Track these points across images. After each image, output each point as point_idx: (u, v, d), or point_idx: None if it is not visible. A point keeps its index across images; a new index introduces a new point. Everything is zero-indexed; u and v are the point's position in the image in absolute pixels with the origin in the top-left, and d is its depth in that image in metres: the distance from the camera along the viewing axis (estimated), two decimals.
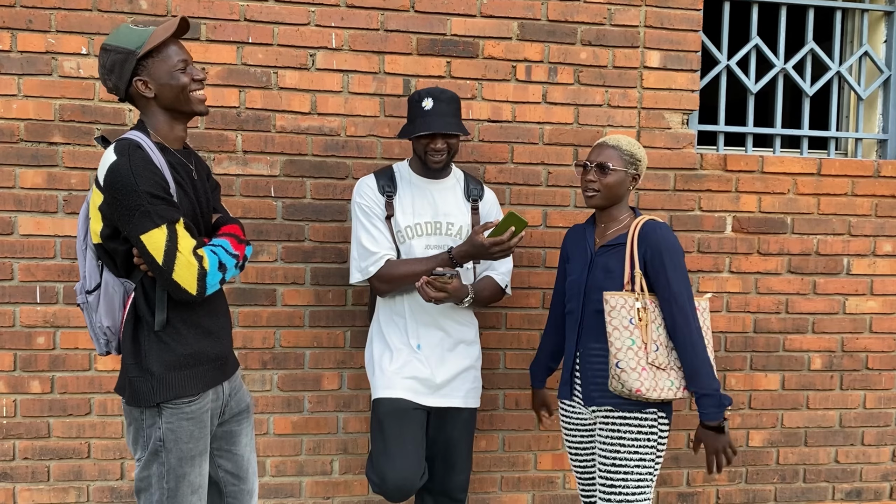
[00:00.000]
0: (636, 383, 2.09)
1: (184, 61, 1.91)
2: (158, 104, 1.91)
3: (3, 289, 2.74)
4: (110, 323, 1.94)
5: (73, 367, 2.79)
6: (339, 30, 2.83)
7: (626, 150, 2.20)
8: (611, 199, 2.21)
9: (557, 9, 2.94)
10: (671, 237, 2.14)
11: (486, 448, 3.05)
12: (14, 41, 2.68)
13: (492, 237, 2.24)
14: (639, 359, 2.11)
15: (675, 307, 2.11)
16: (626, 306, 2.13)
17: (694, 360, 2.10)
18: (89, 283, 1.94)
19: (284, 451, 2.93)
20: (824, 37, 3.46)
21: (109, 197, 1.80)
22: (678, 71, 3.03)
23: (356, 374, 2.94)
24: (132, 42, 1.86)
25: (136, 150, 1.81)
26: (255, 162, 2.83)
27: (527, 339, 3.03)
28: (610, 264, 2.20)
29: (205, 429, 1.96)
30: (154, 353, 1.88)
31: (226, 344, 2.06)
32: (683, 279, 2.13)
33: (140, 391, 1.88)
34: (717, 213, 3.10)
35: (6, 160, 2.70)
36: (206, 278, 1.86)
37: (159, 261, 1.79)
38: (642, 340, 2.12)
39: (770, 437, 3.22)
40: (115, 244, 1.87)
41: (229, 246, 1.98)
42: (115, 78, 1.88)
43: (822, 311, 3.20)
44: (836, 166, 3.15)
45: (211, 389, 1.98)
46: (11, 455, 2.79)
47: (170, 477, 1.90)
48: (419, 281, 2.29)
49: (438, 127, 2.34)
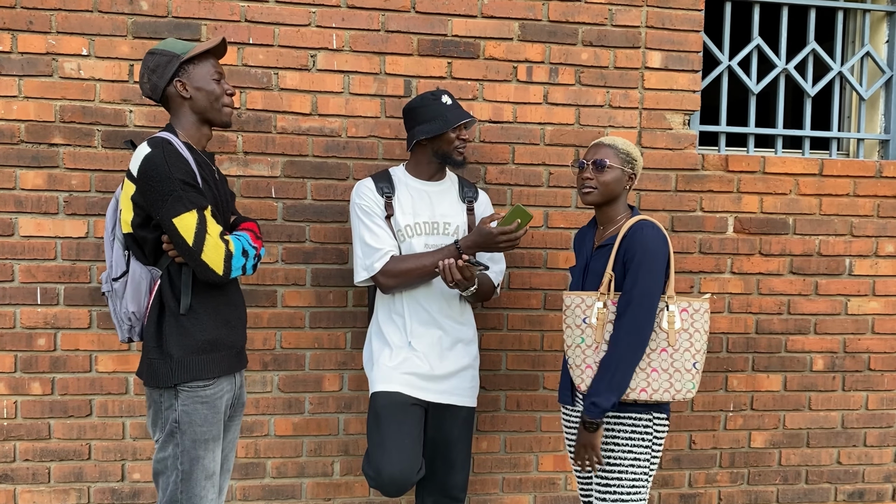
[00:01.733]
0: (577, 380, 2.17)
1: (219, 73, 2.13)
2: (191, 107, 2.11)
3: (3, 290, 2.74)
4: (135, 309, 2.09)
5: (73, 369, 2.79)
6: (339, 31, 2.83)
7: (622, 149, 2.21)
8: (607, 196, 2.21)
9: (558, 9, 2.94)
10: (655, 240, 2.11)
11: (488, 449, 3.04)
12: (14, 42, 2.68)
13: (500, 227, 2.29)
14: (585, 357, 2.16)
15: (623, 303, 2.08)
16: (581, 305, 2.18)
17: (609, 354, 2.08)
18: (116, 271, 2.10)
19: (285, 452, 2.92)
20: (826, 37, 3.46)
21: (143, 185, 1.97)
22: (679, 71, 3.02)
23: (357, 376, 2.94)
24: (178, 48, 2.09)
25: (168, 144, 2.00)
26: (256, 163, 2.83)
27: (528, 341, 3.02)
28: (598, 267, 2.21)
29: (218, 414, 2.09)
30: (174, 338, 2.03)
31: (241, 335, 2.21)
32: (645, 279, 2.07)
33: (159, 372, 2.04)
34: (719, 214, 3.09)
35: (7, 161, 2.70)
36: (231, 260, 2.03)
37: (189, 242, 1.96)
38: (594, 339, 2.14)
39: (772, 439, 3.21)
40: (144, 232, 2.04)
41: (249, 238, 2.16)
42: (157, 77, 2.08)
43: (824, 312, 3.19)
44: (838, 167, 3.14)
45: (225, 377, 2.12)
46: (12, 456, 2.79)
47: (184, 458, 2.03)
48: (447, 261, 2.30)
49: (468, 116, 2.46)
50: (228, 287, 2.15)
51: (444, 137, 2.46)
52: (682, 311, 2.14)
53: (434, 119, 2.44)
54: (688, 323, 2.14)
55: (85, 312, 2.78)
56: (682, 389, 2.14)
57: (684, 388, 2.14)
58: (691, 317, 2.15)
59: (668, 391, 2.12)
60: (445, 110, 2.45)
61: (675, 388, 2.13)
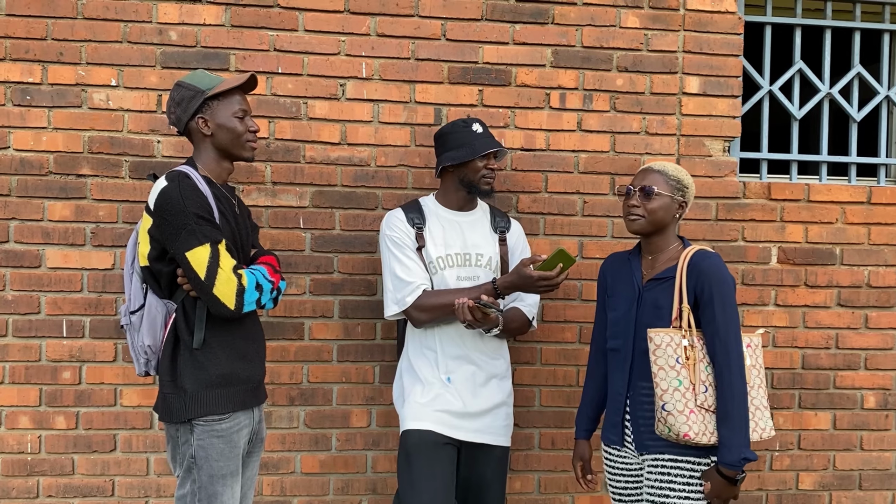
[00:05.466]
0: (684, 427, 1.97)
1: (243, 111, 2.12)
2: (213, 143, 2.11)
3: (29, 322, 2.71)
4: (151, 342, 2.08)
5: (98, 403, 2.74)
6: (369, 59, 2.79)
7: (672, 176, 2.11)
8: (655, 224, 2.10)
9: (592, 35, 2.87)
10: (722, 268, 2.04)
11: (521, 489, 2.92)
12: (45, 74, 2.67)
13: (539, 271, 2.19)
14: (686, 401, 1.99)
15: (718, 344, 2.00)
16: (671, 344, 2.01)
17: (729, 403, 1.97)
18: (133, 304, 2.10)
19: (312, 490, 2.83)
20: (872, 59, 3.34)
21: (159, 219, 1.98)
22: (719, 97, 2.93)
23: (386, 411, 2.85)
24: (204, 83, 2.08)
25: (186, 178, 2.01)
26: (284, 193, 2.78)
27: (563, 375, 2.91)
28: (659, 300, 2.09)
29: (236, 448, 2.06)
30: (189, 372, 2.02)
31: (259, 369, 2.18)
32: (731, 315, 2.01)
33: (173, 407, 2.03)
34: (762, 244, 2.97)
35: (35, 192, 2.69)
36: (244, 294, 2.01)
37: (202, 276, 1.95)
38: (689, 381, 2.00)
39: (822, 480, 3.04)
40: (160, 265, 2.04)
41: (266, 272, 2.13)
42: (181, 111, 2.08)
43: (875, 347, 3.04)
44: (887, 194, 3.01)
45: (241, 411, 2.09)
46: (35, 493, 2.74)
47: (202, 495, 2.01)
48: (461, 299, 2.23)
49: (498, 145, 2.41)
50: (245, 320, 2.12)
51: (470, 166, 2.40)
52: (747, 346, 2.07)
53: (462, 146, 2.39)
54: (753, 358, 2.07)
55: (110, 345, 2.73)
56: (766, 428, 2.07)
57: (767, 427, 2.08)
58: (754, 352, 2.09)
59: (755, 431, 2.04)
60: (474, 138, 2.40)
61: (760, 427, 2.06)
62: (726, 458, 1.96)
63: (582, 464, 2.36)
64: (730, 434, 1.96)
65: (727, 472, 1.97)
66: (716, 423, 2.00)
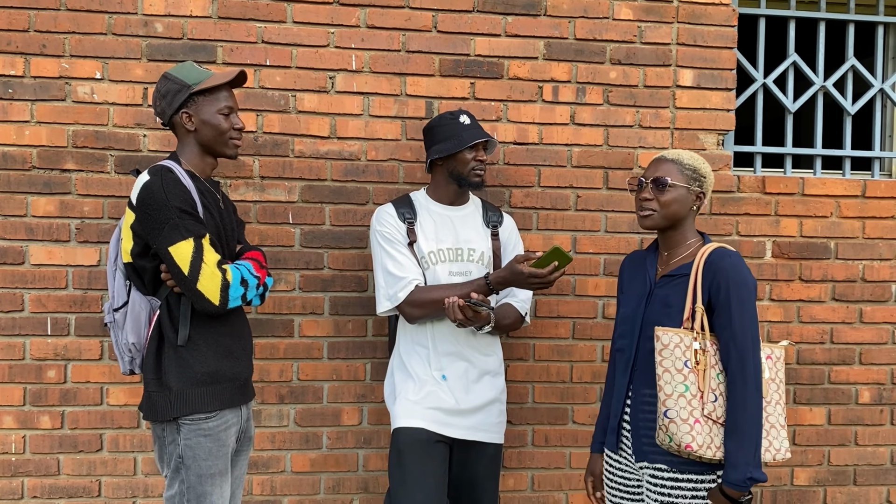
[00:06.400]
0: (687, 437, 1.81)
1: (229, 108, 2.08)
2: (196, 138, 2.08)
3: (13, 320, 2.65)
4: (135, 340, 2.05)
5: (84, 402, 2.69)
6: (359, 51, 2.75)
7: (687, 165, 1.96)
8: (669, 219, 1.95)
9: (585, 27, 2.83)
10: (743, 269, 1.88)
11: (514, 487, 2.89)
12: (27, 66, 2.62)
13: (532, 268, 2.14)
14: (692, 409, 1.82)
15: (734, 350, 1.83)
16: (680, 346, 1.85)
17: (739, 415, 1.80)
18: (116, 301, 2.06)
19: (302, 489, 2.79)
20: (866, 53, 3.32)
21: (141, 214, 1.95)
22: (713, 90, 2.90)
23: (377, 409, 2.81)
24: (191, 77, 2.04)
25: (168, 172, 1.97)
26: (273, 187, 2.74)
27: (556, 372, 2.88)
28: (670, 297, 1.93)
29: (224, 447, 2.03)
30: (173, 370, 1.99)
31: (246, 366, 2.14)
32: (750, 320, 1.84)
33: (158, 405, 2.00)
34: (756, 238, 2.94)
35: (18, 188, 2.63)
36: (228, 290, 1.97)
37: (185, 271, 1.92)
38: (698, 388, 1.83)
39: (816, 476, 3.02)
40: (143, 262, 2.01)
41: (251, 267, 2.10)
42: (165, 104, 2.05)
43: (870, 341, 3.02)
44: (881, 188, 2.99)
45: (229, 409, 2.06)
46: (20, 494, 2.68)
47: (191, 495, 1.99)
48: (451, 298, 2.19)
49: (486, 135, 2.37)
50: (231, 317, 2.09)
51: (458, 158, 2.36)
52: (767, 357, 1.92)
53: (449, 138, 2.36)
54: (773, 371, 1.92)
55: (96, 343, 2.68)
56: (780, 448, 1.91)
57: (782, 448, 1.91)
58: (775, 364, 1.93)
59: (767, 450, 1.89)
60: (461, 130, 2.36)
61: (774, 448, 1.90)
62: (731, 476, 1.80)
63: (593, 479, 2.19)
64: (737, 450, 1.80)
65: (730, 492, 1.81)
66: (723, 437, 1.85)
